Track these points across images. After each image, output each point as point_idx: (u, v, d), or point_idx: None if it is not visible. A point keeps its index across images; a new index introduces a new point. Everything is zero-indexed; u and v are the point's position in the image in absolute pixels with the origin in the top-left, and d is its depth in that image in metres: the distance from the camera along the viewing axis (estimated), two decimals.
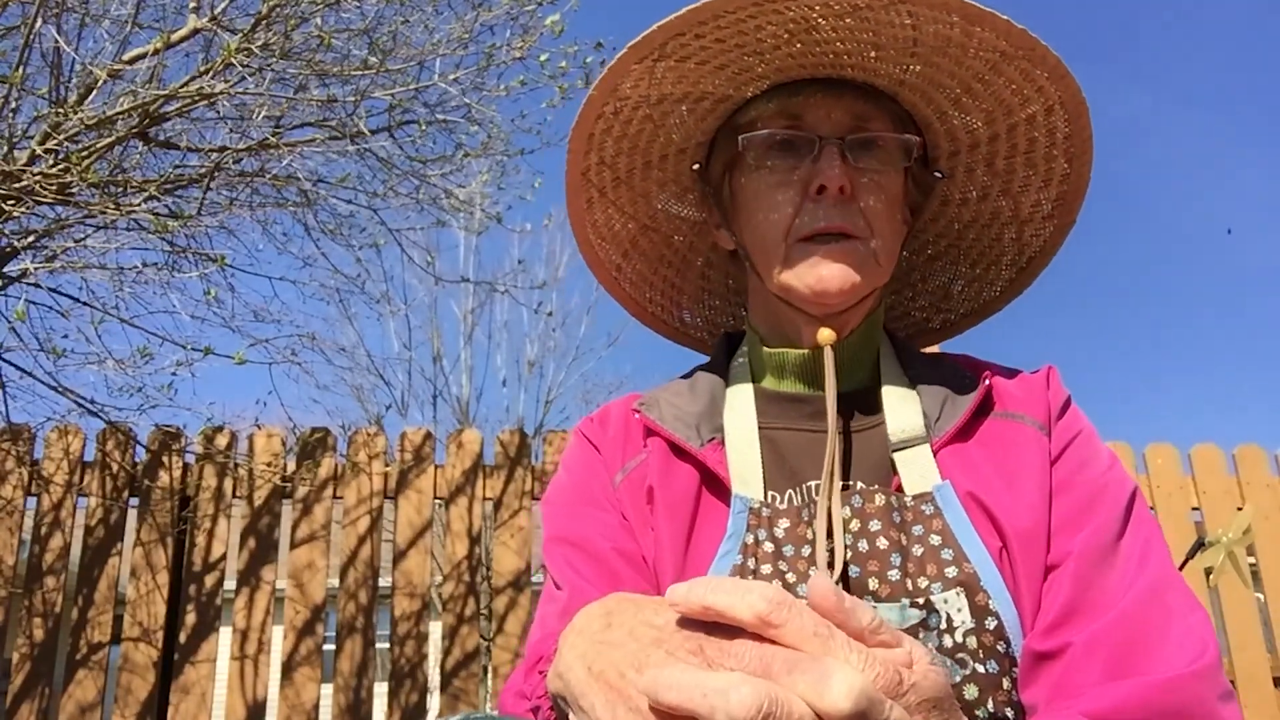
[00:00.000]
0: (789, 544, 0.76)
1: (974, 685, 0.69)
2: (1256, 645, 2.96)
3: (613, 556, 0.79)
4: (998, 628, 0.70)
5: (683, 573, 0.76)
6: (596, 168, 0.90)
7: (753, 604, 0.45)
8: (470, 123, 3.61)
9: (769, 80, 0.83)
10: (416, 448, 2.91)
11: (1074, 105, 0.83)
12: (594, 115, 0.85)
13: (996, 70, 0.81)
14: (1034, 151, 0.88)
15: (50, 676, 2.54)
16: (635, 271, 1.00)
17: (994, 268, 0.97)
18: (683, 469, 0.82)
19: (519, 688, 0.69)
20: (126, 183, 2.81)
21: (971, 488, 0.76)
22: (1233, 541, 1.68)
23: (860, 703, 0.42)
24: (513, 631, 2.77)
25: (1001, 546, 0.73)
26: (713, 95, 0.84)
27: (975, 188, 0.92)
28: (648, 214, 0.95)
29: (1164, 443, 3.20)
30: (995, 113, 0.85)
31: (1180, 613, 0.69)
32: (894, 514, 0.75)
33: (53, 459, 2.71)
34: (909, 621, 0.70)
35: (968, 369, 0.86)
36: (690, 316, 1.05)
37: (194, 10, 2.90)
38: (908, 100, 0.85)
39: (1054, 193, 0.90)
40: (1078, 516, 0.74)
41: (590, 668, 0.51)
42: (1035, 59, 0.79)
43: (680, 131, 0.88)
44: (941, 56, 0.80)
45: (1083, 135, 0.85)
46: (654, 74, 0.81)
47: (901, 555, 0.73)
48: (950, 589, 0.71)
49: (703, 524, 0.79)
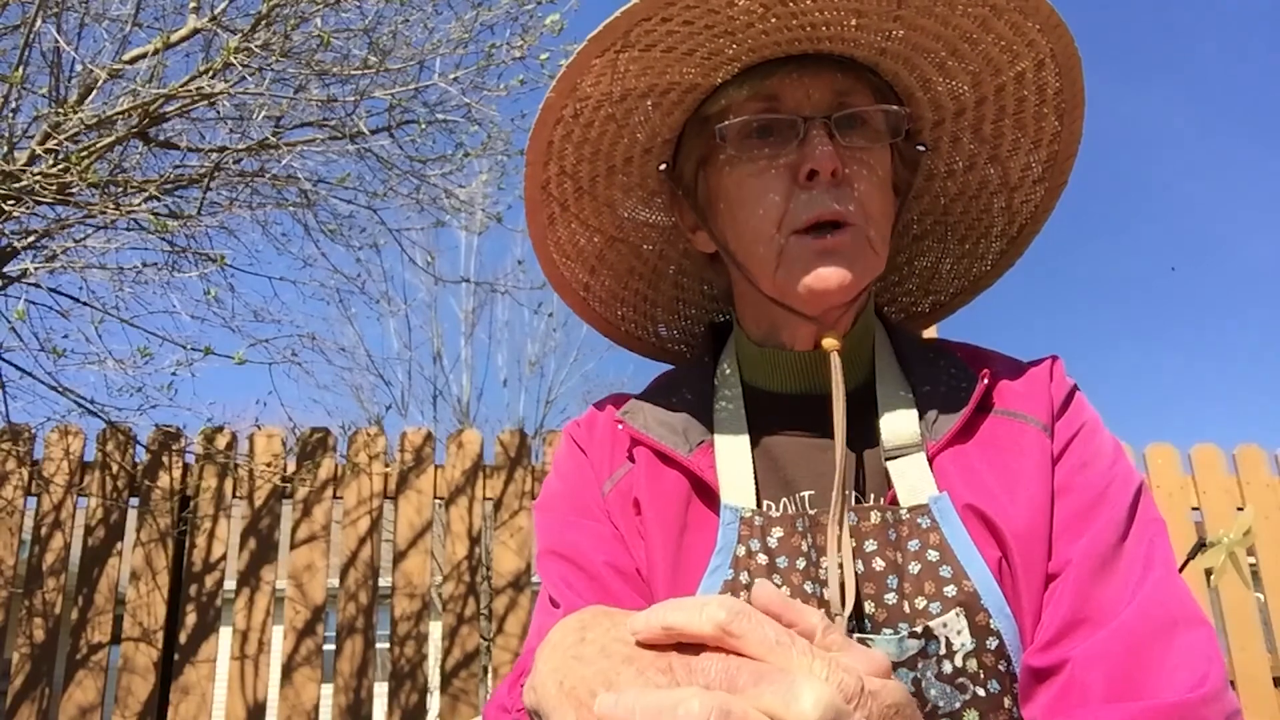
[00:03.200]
0: (783, 555, 0.73)
1: (974, 711, 0.66)
2: (1256, 645, 2.97)
3: (606, 571, 0.76)
4: (999, 647, 0.67)
5: (674, 586, 0.74)
6: (557, 179, 0.84)
7: (711, 615, 0.45)
8: (470, 122, 3.61)
9: (740, 63, 0.77)
10: (417, 448, 2.91)
11: (1066, 57, 0.78)
12: (553, 120, 0.78)
13: (985, 26, 0.76)
14: (1023, 112, 0.83)
15: (50, 677, 2.54)
16: (604, 288, 0.93)
17: (984, 240, 0.92)
18: (670, 476, 0.78)
19: (502, 701, 0.68)
20: (126, 183, 2.81)
21: (970, 497, 0.72)
22: (1234, 542, 1.68)
23: (827, 714, 0.42)
24: (513, 631, 2.77)
25: (1001, 557, 0.70)
26: (680, 85, 0.78)
27: (961, 158, 0.88)
28: (613, 224, 0.89)
29: (1164, 443, 3.20)
30: (983, 74, 0.80)
31: (1184, 626, 0.66)
32: (889, 531, 0.72)
33: (53, 459, 2.71)
34: (907, 653, 0.67)
35: (968, 362, 0.82)
36: (666, 330, 0.99)
37: (194, 10, 2.90)
38: (889, 70, 0.80)
39: (1044, 154, 0.86)
40: (1079, 520, 0.72)
41: (562, 683, 0.51)
42: (1027, 10, 0.75)
43: (645, 129, 0.82)
44: (927, 17, 0.75)
45: (1074, 89, 0.80)
46: (616, 67, 0.75)
47: (898, 576, 0.70)
48: (950, 609, 0.68)
49: (693, 535, 0.75)
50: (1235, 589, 2.93)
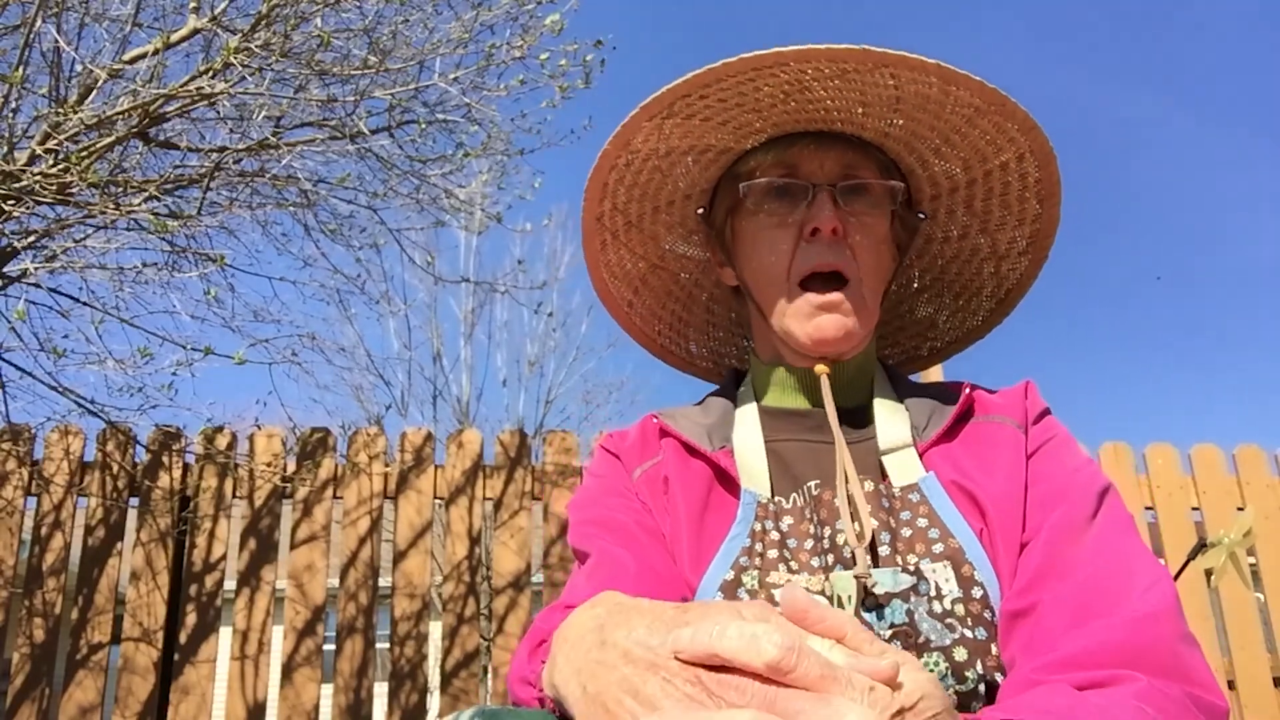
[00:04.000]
0: (792, 538, 0.82)
1: (963, 648, 0.74)
2: (1256, 645, 2.96)
3: (634, 527, 0.86)
4: (983, 597, 0.76)
5: (697, 549, 0.82)
6: (610, 213, 0.99)
7: (763, 652, 0.46)
8: (470, 122, 3.60)
9: (766, 134, 0.92)
10: (417, 448, 2.91)
11: (1042, 154, 0.92)
12: (608, 167, 0.94)
13: (972, 123, 0.90)
14: (1008, 194, 0.96)
15: (50, 677, 2.54)
16: (645, 306, 1.08)
17: (975, 299, 1.06)
18: (696, 465, 0.89)
19: (523, 673, 0.72)
20: (126, 183, 2.81)
21: (954, 477, 0.83)
22: (1234, 543, 1.68)
23: None
24: (513, 632, 2.77)
25: (983, 527, 0.80)
26: (715, 147, 0.93)
27: (956, 227, 1.01)
28: (656, 254, 1.04)
29: (1164, 443, 3.20)
30: (972, 160, 0.94)
31: (1142, 572, 0.74)
32: (883, 500, 0.82)
33: (53, 459, 2.71)
34: (901, 586, 0.76)
35: (952, 388, 0.94)
36: (696, 348, 1.14)
37: (194, 10, 2.90)
38: (892, 150, 0.94)
39: (1028, 231, 0.99)
40: (1051, 499, 0.80)
41: (586, 688, 0.52)
42: (1006, 113, 0.88)
43: (686, 180, 0.97)
44: (922, 112, 0.89)
45: (1051, 180, 0.94)
46: (662, 130, 0.91)
47: (891, 535, 0.79)
48: (938, 562, 0.77)
49: (713, 513, 0.85)
50: (1235, 589, 2.93)
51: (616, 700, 0.49)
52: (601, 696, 0.50)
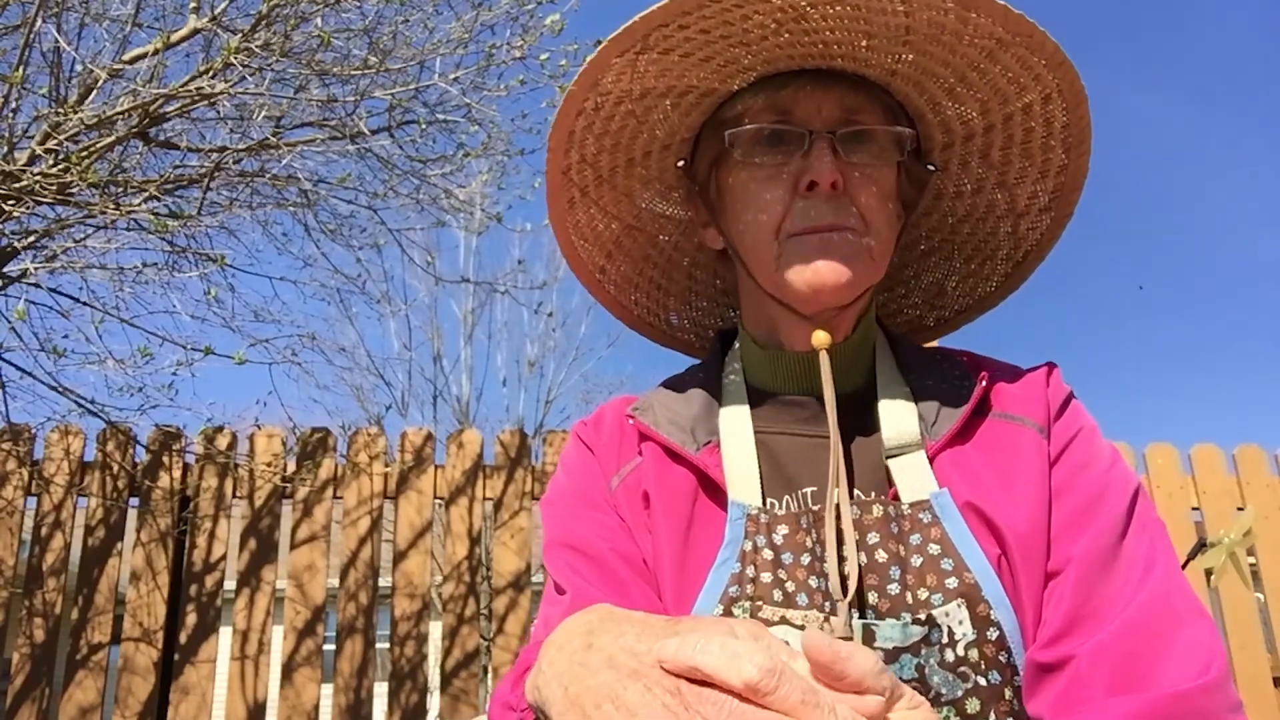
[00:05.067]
0: (787, 551, 0.74)
1: (975, 699, 0.68)
2: (1256, 645, 2.96)
3: (613, 559, 0.78)
4: (999, 638, 0.69)
5: (681, 578, 0.75)
6: (578, 166, 0.86)
7: (742, 671, 0.45)
8: (470, 123, 3.60)
9: (755, 72, 0.80)
10: (417, 448, 2.91)
11: (1072, 93, 0.80)
12: (574, 111, 0.81)
13: (992, 58, 0.78)
14: (1030, 142, 0.85)
15: (50, 677, 2.54)
16: (620, 273, 0.96)
17: (989, 262, 0.95)
18: (678, 473, 0.80)
19: (506, 698, 0.68)
20: (126, 183, 2.81)
21: (969, 495, 0.74)
22: (1234, 543, 1.68)
23: None
24: (513, 632, 2.77)
25: (1000, 554, 0.72)
26: (697, 89, 0.81)
27: (970, 180, 0.89)
28: (631, 213, 0.92)
29: (1164, 443, 3.20)
30: (991, 102, 0.82)
31: (1186, 621, 0.67)
32: (891, 524, 0.73)
33: (53, 459, 2.71)
34: (911, 639, 0.69)
35: (967, 367, 0.84)
36: (677, 319, 1.02)
37: (194, 10, 2.90)
38: (900, 91, 0.82)
39: (1051, 184, 0.87)
40: (1078, 520, 0.73)
41: (567, 689, 0.51)
42: (1033, 45, 0.76)
43: (664, 127, 0.85)
44: (935, 45, 0.77)
45: (1081, 125, 0.82)
46: (636, 67, 0.78)
47: (900, 568, 0.72)
48: (951, 600, 0.69)
49: (700, 529, 0.77)
50: (1235, 589, 2.93)
51: (595, 704, 0.49)
52: (581, 699, 0.50)
